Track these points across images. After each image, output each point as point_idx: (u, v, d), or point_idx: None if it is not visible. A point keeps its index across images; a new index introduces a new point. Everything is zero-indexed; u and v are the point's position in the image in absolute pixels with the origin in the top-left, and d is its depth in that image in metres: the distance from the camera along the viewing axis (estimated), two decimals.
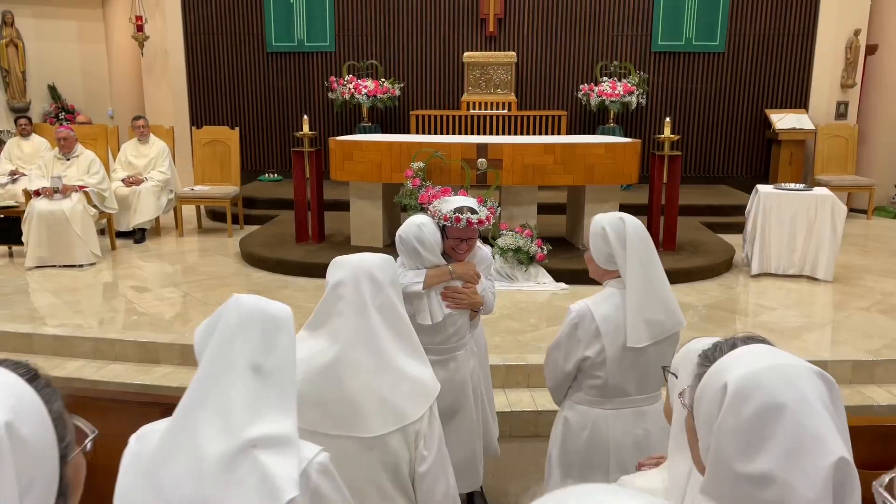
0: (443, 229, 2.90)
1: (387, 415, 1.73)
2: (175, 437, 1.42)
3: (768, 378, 1.05)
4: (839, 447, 1.01)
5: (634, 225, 2.35)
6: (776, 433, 1.01)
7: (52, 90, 10.44)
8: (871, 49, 9.86)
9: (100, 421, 2.81)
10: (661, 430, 2.34)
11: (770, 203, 6.31)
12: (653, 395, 2.41)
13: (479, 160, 6.45)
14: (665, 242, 6.80)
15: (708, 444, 1.09)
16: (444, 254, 2.93)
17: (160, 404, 2.76)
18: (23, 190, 6.93)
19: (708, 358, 1.18)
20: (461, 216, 2.86)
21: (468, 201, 3.05)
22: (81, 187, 6.82)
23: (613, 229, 2.34)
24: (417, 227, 2.83)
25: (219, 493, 1.36)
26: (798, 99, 9.86)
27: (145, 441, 1.49)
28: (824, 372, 1.09)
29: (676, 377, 1.55)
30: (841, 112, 9.78)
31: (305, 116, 7.22)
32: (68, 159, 6.93)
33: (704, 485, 1.10)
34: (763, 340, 1.20)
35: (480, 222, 2.94)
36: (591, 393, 2.38)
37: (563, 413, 2.48)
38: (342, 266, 1.86)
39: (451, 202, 3.00)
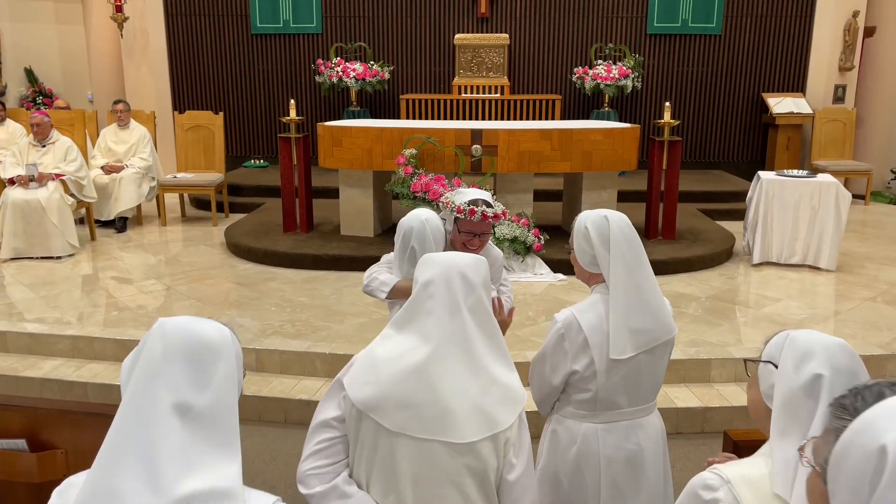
0: (455, 222, 2.80)
1: (479, 421, 1.65)
2: (94, 497, 1.21)
3: None
4: None
5: (620, 224, 2.17)
6: None
7: (29, 73, 10.07)
8: (869, 31, 9.68)
9: (72, 435, 2.59)
10: (654, 444, 2.25)
11: (773, 190, 6.14)
12: (646, 406, 2.25)
13: (474, 147, 6.22)
14: (665, 231, 6.62)
15: None
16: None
17: None
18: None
19: (846, 409, 0.99)
20: (476, 209, 2.76)
21: (483, 194, 2.89)
22: (58, 175, 6.53)
23: (596, 229, 2.18)
24: (422, 222, 2.65)
25: None
26: (795, 82, 9.68)
27: (65, 497, 1.30)
28: None
29: (776, 366, 1.45)
30: (839, 96, 9.62)
31: (293, 101, 6.95)
32: (44, 146, 6.63)
33: None
34: None
35: (496, 217, 2.83)
36: (580, 406, 2.21)
37: (550, 426, 2.33)
38: (433, 264, 1.75)
39: (466, 194, 2.86)
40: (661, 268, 6.00)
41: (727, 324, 4.93)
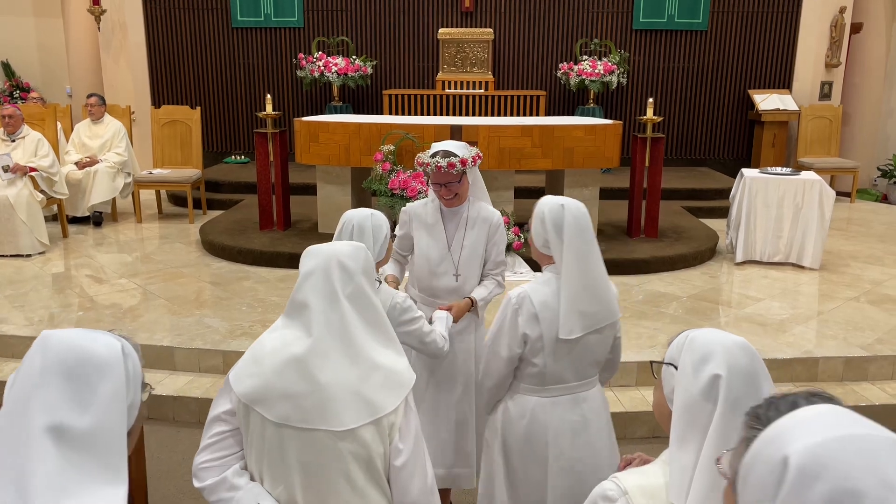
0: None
1: (360, 407, 1.66)
2: None
3: (843, 453, 0.82)
4: None
5: (575, 213, 2.27)
6: None
7: (6, 67, 9.87)
8: (856, 27, 9.61)
9: None
10: (598, 415, 2.37)
11: (756, 188, 6.05)
12: (589, 380, 2.38)
13: None
14: (647, 229, 6.52)
15: None
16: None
17: None
18: None
19: (759, 419, 0.96)
20: (431, 161, 2.88)
21: (451, 144, 2.97)
22: (32, 169, 6.37)
23: (552, 216, 2.28)
24: (365, 217, 2.58)
25: None
26: (782, 79, 9.61)
27: None
28: None
29: (676, 368, 1.43)
30: (825, 92, 9.55)
31: (269, 96, 6.81)
32: (13, 140, 6.47)
33: None
34: (830, 399, 0.95)
35: (451, 165, 2.86)
36: (529, 381, 2.34)
37: (502, 403, 2.43)
38: (313, 255, 1.78)
39: (435, 146, 2.97)
40: (642, 266, 5.91)
41: (707, 324, 4.84)
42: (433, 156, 2.90)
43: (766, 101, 9.21)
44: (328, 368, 1.66)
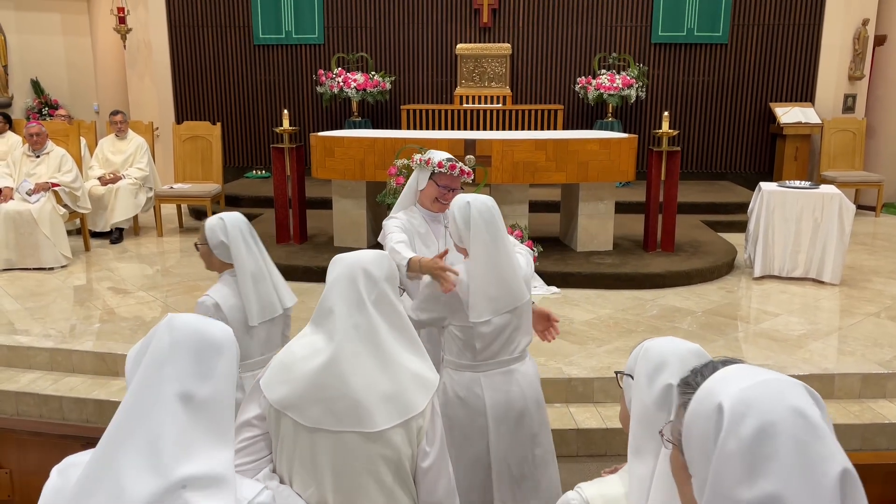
0: (431, 176, 3.06)
1: (390, 409, 1.73)
2: (97, 474, 1.30)
3: (763, 394, 0.98)
4: (841, 458, 0.96)
5: (480, 208, 2.50)
6: (778, 451, 0.95)
7: (36, 85, 10.14)
8: (879, 40, 9.48)
9: (17, 455, 2.50)
10: (531, 385, 2.63)
11: (774, 201, 5.97)
12: (519, 355, 2.62)
13: (467, 157, 6.12)
14: (663, 243, 6.47)
15: (705, 474, 1.00)
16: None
17: (81, 437, 2.48)
18: None
19: (690, 385, 1.10)
20: (456, 164, 3.07)
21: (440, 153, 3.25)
22: (54, 185, 6.52)
23: (460, 212, 2.52)
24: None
25: None
26: (804, 92, 9.50)
27: (66, 475, 1.38)
28: (809, 388, 1.03)
29: (633, 378, 1.49)
30: (848, 105, 9.42)
31: (286, 111, 6.89)
32: (38, 156, 6.63)
33: None
34: (741, 362, 1.11)
35: (469, 173, 3.15)
36: (462, 357, 2.58)
37: (441, 381, 2.55)
38: (338, 263, 1.87)
39: (439, 153, 3.17)
40: (657, 281, 5.86)
41: (722, 340, 4.78)
42: (450, 159, 3.08)
43: (788, 114, 9.11)
44: (359, 372, 1.72)
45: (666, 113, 6.56)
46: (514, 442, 2.59)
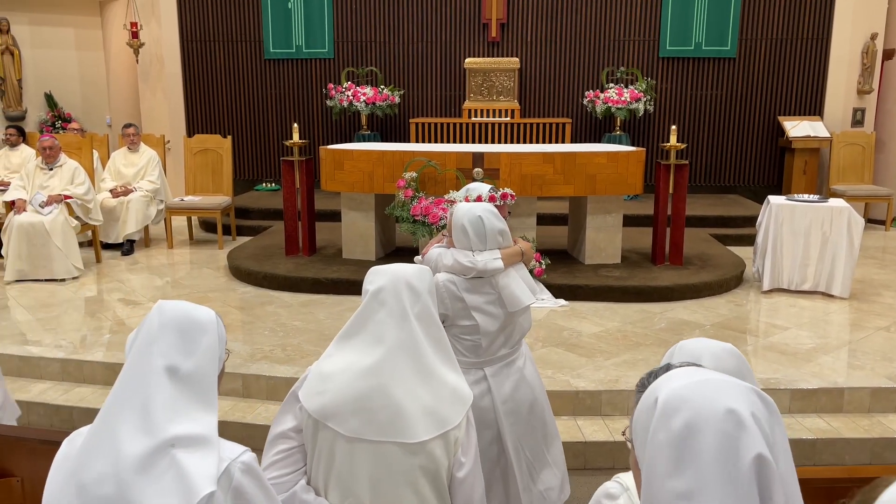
0: None
1: (429, 421, 1.76)
2: (97, 438, 1.48)
3: (698, 391, 1.04)
4: (759, 445, 0.99)
5: (492, 220, 2.70)
6: (702, 447, 0.99)
7: (49, 98, 10.27)
8: (888, 54, 9.49)
9: (28, 464, 2.53)
10: (531, 372, 2.79)
11: (782, 215, 5.97)
12: (517, 348, 2.77)
13: (475, 170, 6.16)
14: (671, 256, 6.46)
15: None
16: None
17: None
18: (2, 201, 6.72)
19: (644, 385, 1.17)
20: (496, 195, 3.43)
21: (484, 186, 3.46)
22: (66, 197, 6.59)
23: (473, 228, 2.68)
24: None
25: (137, 492, 1.41)
26: (812, 105, 9.50)
27: (73, 443, 1.55)
28: (761, 391, 1.07)
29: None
30: (857, 119, 9.41)
31: (295, 125, 6.95)
32: (51, 169, 6.70)
33: None
34: (699, 367, 1.17)
35: (512, 196, 3.64)
36: (469, 355, 2.67)
37: None
38: (381, 274, 1.89)
39: (478, 187, 3.35)
40: (665, 294, 5.85)
41: None
42: (491, 189, 3.42)
43: (797, 127, 9.11)
44: (401, 384, 1.74)
45: (674, 126, 6.58)
46: (527, 430, 2.72)
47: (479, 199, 3.27)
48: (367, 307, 1.83)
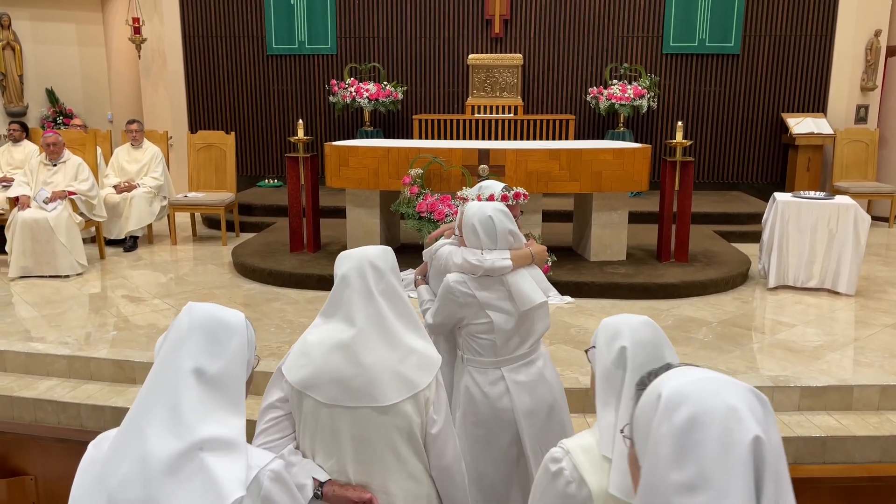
0: None
1: (399, 385, 1.92)
2: (125, 440, 1.48)
3: (699, 388, 1.09)
4: (754, 428, 1.03)
5: (503, 219, 2.68)
6: (705, 439, 1.03)
7: (51, 94, 10.24)
8: (892, 50, 9.47)
9: (42, 462, 2.51)
10: (551, 372, 2.77)
11: (789, 212, 5.96)
12: (536, 348, 2.75)
13: (481, 166, 6.14)
14: (677, 253, 6.46)
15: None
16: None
17: None
18: (6, 197, 6.70)
19: (644, 383, 1.22)
20: (508, 194, 3.23)
21: (497, 184, 3.33)
22: (70, 193, 6.57)
23: (483, 228, 2.67)
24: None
25: (165, 496, 1.42)
26: (816, 102, 9.49)
27: (100, 447, 1.56)
28: (757, 390, 1.11)
29: (594, 346, 1.77)
30: (861, 116, 9.40)
31: (300, 121, 6.93)
32: (55, 165, 6.68)
33: (638, 501, 1.11)
34: (697, 367, 1.22)
35: (525, 196, 3.54)
36: (486, 354, 2.67)
37: (464, 380, 2.74)
38: (347, 259, 2.03)
39: (489, 186, 3.21)
40: (671, 291, 5.85)
41: (738, 350, 4.76)
42: (505, 188, 3.26)
43: (800, 124, 9.10)
44: (371, 354, 1.92)
45: (680, 123, 6.56)
46: (547, 432, 2.71)
47: (491, 197, 3.21)
48: (336, 289, 2.00)
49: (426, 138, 9.01)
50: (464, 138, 9.01)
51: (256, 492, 1.49)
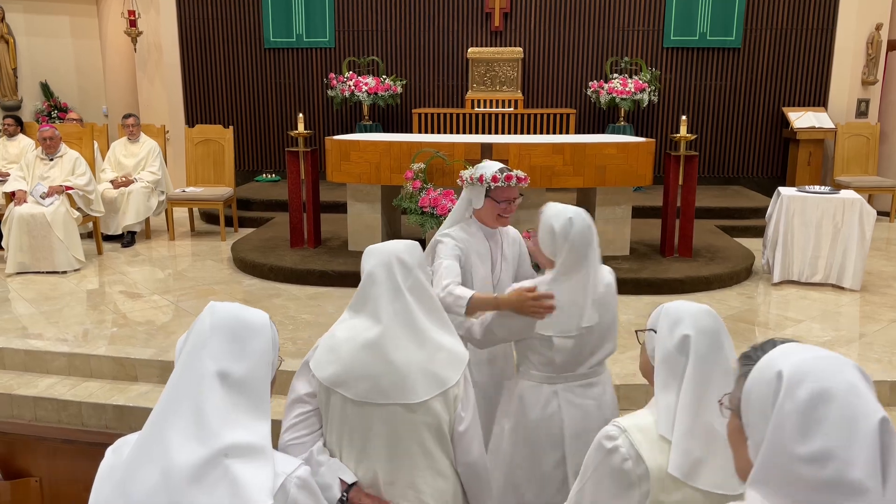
0: (487, 194, 2.85)
1: (429, 382, 1.91)
2: (146, 447, 1.43)
3: (818, 365, 1.11)
4: (879, 410, 1.07)
5: (583, 229, 2.42)
6: (829, 414, 1.07)
7: (45, 88, 10.12)
8: (892, 44, 9.44)
9: (47, 464, 2.45)
10: (608, 399, 2.57)
11: (794, 206, 5.93)
12: (598, 368, 2.56)
13: (484, 161, 6.07)
14: (681, 248, 6.42)
15: (761, 435, 1.13)
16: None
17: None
18: (2, 192, 6.60)
19: (751, 358, 1.23)
20: (511, 173, 2.89)
21: (499, 164, 3.02)
22: (68, 188, 6.48)
23: (562, 228, 2.42)
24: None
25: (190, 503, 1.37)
26: (817, 96, 9.46)
27: (119, 452, 1.51)
28: (862, 368, 1.15)
29: (655, 332, 1.78)
30: (862, 110, 9.37)
31: (301, 115, 6.85)
32: (51, 160, 6.59)
33: (755, 475, 1.13)
34: (803, 344, 1.25)
35: (525, 179, 3.02)
36: (542, 370, 2.51)
37: (517, 390, 2.58)
38: (374, 254, 2.01)
39: (488, 166, 2.92)
40: (676, 286, 5.81)
41: (746, 345, 4.69)
42: (502, 170, 2.87)
43: (801, 118, 9.07)
44: (400, 350, 1.91)
45: (684, 117, 6.52)
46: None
47: (482, 178, 2.86)
48: (364, 286, 1.98)
49: (425, 132, 8.94)
50: (463, 132, 8.94)
51: (283, 499, 1.45)
